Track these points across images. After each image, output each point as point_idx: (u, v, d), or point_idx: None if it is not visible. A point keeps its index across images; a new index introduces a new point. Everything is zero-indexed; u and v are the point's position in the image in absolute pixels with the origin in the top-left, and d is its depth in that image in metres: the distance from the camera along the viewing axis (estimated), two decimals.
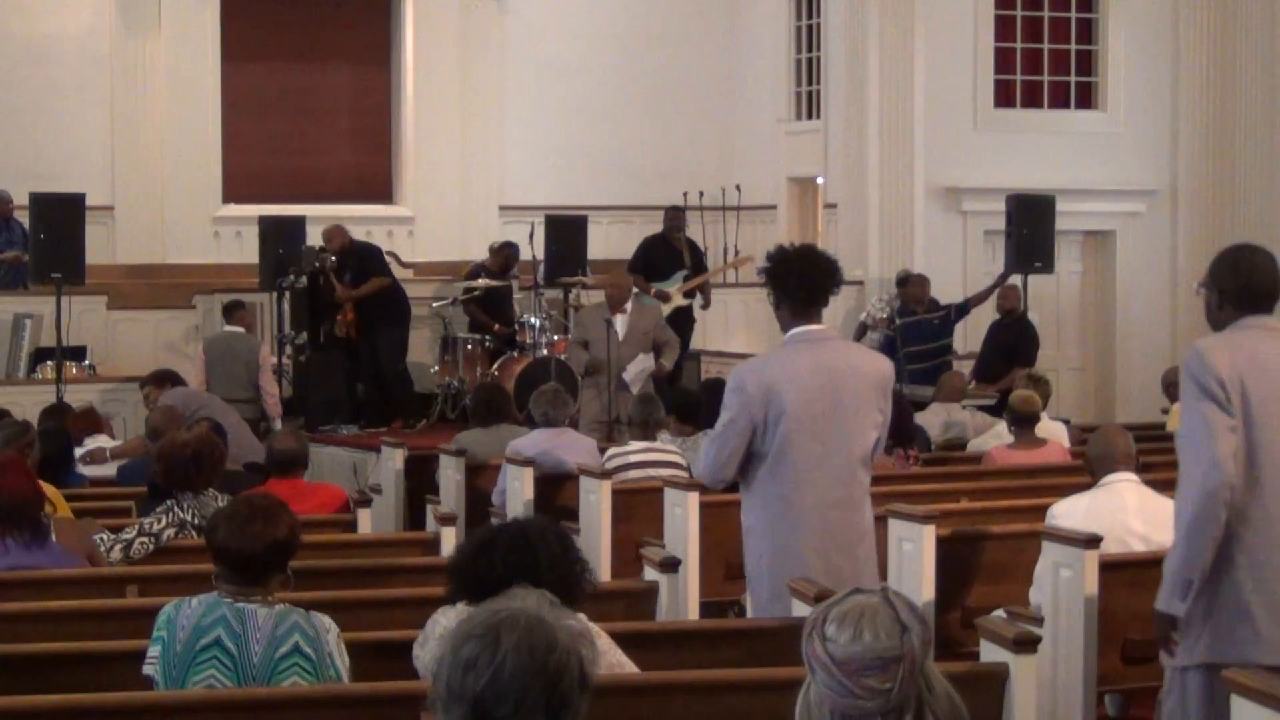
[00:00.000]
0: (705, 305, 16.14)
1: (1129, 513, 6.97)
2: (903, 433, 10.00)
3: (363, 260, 15.03)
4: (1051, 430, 10.88)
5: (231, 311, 14.42)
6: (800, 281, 6.07)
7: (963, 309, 15.72)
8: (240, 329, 14.25)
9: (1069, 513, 6.94)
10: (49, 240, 14.14)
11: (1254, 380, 4.97)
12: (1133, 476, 7.04)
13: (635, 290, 14.08)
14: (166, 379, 12.07)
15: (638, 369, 13.30)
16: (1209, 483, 4.90)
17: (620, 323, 13.29)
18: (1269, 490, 5.00)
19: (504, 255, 15.93)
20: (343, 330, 14.86)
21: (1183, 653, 5.05)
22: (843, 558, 6.06)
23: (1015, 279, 16.06)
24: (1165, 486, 7.21)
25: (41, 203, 14.37)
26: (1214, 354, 4.96)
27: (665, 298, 15.37)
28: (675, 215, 16.09)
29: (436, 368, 15.52)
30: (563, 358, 14.52)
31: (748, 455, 6.10)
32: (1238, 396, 4.93)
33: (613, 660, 4.75)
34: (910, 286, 15.84)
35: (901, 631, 2.88)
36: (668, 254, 15.72)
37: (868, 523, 6.21)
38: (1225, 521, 4.94)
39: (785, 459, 6.01)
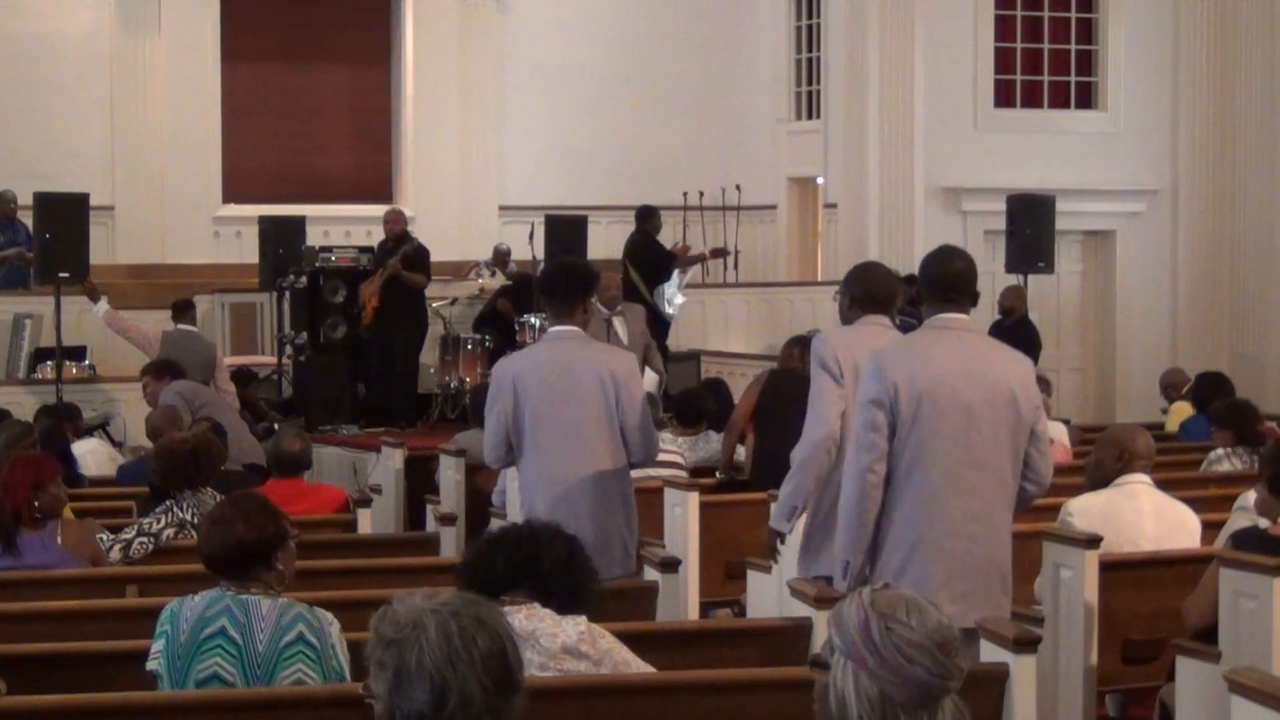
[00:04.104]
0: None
1: (1143, 515, 6.95)
2: None
3: (417, 252, 14.92)
4: (1053, 431, 10.84)
5: (183, 311, 13.77)
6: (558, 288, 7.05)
7: None
8: (194, 328, 13.84)
9: (1084, 510, 6.92)
10: (54, 240, 14.11)
11: (863, 362, 6.07)
12: (1146, 479, 7.00)
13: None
14: (165, 370, 11.88)
15: (651, 378, 12.57)
16: (817, 434, 6.16)
17: (619, 325, 12.87)
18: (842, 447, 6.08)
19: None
20: (368, 317, 14.70)
21: (803, 566, 6.27)
22: (589, 522, 6.74)
23: (1016, 279, 16.03)
24: (1166, 487, 7.23)
25: (46, 203, 14.34)
26: (833, 340, 6.35)
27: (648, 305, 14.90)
28: (653, 215, 16.01)
29: (436, 368, 15.48)
30: None
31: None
32: (850, 373, 6.18)
33: (619, 659, 4.74)
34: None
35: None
36: (663, 255, 15.60)
37: (613, 495, 6.91)
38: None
39: (534, 440, 6.89)
